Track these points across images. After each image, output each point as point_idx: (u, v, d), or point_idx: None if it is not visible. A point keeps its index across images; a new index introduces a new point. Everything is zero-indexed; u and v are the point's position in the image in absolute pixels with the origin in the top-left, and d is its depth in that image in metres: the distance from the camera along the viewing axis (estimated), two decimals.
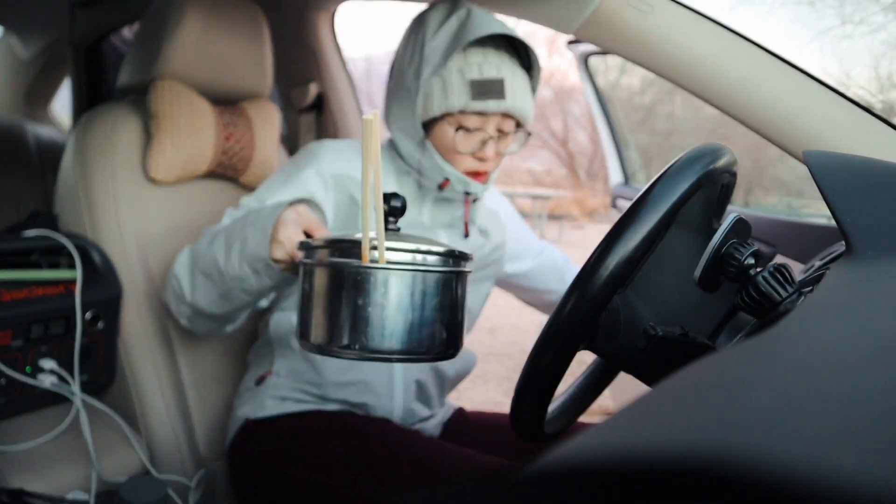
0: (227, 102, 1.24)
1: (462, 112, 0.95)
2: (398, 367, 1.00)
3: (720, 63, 0.90)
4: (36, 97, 2.22)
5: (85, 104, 1.96)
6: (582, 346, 0.67)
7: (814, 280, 0.55)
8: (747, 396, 0.22)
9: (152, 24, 1.16)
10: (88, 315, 1.00)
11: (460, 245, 1.05)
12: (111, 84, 1.99)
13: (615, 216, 1.32)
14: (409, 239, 0.67)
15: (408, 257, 0.63)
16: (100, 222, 1.09)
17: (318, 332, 0.65)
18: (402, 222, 0.95)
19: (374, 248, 0.62)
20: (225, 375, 1.18)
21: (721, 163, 0.63)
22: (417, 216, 1.04)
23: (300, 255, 0.70)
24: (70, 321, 0.98)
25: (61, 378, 0.96)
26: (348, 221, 0.99)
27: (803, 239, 1.04)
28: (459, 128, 0.96)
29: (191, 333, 1.08)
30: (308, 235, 0.79)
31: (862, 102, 0.85)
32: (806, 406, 0.20)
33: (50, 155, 1.98)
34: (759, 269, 0.46)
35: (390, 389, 1.01)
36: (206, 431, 1.12)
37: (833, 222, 0.88)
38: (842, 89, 0.86)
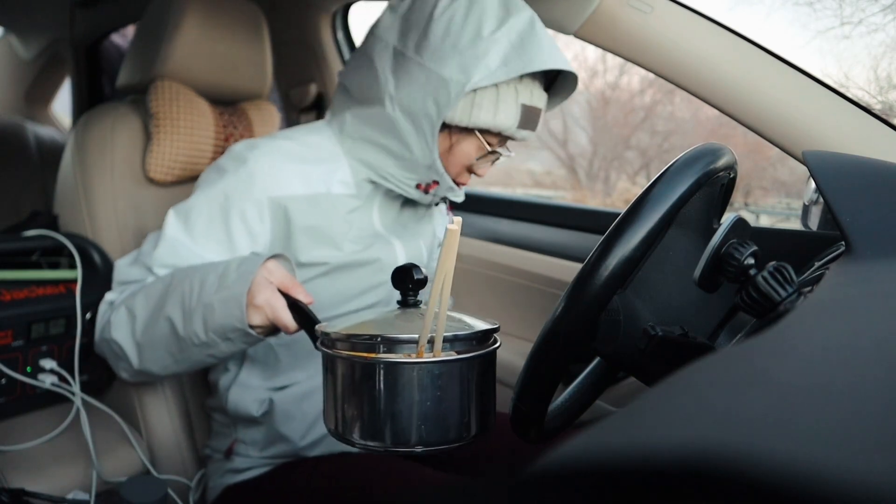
0: (227, 103, 1.24)
1: (496, 133, 0.87)
2: None
3: (720, 63, 0.90)
4: (36, 97, 2.22)
5: (85, 104, 1.96)
6: (582, 346, 0.67)
7: (813, 280, 0.55)
8: (747, 396, 0.22)
9: (152, 24, 1.16)
10: (88, 315, 1.00)
11: (423, 253, 1.01)
12: (111, 84, 1.99)
13: None
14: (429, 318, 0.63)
15: (449, 346, 0.61)
16: (100, 222, 1.09)
17: (373, 430, 0.60)
18: (354, 216, 0.92)
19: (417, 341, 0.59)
20: None
21: (721, 163, 0.63)
22: (368, 218, 0.95)
23: (332, 346, 0.64)
24: (70, 321, 0.98)
25: (62, 378, 0.96)
26: (283, 248, 0.91)
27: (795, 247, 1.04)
28: (492, 152, 0.89)
29: None
30: (283, 293, 0.75)
31: (861, 103, 0.86)
32: (806, 406, 0.20)
33: (50, 155, 1.98)
34: (758, 269, 0.46)
35: None
36: (206, 431, 1.12)
37: (821, 229, 0.89)
38: (841, 90, 0.86)
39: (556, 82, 0.93)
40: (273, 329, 0.77)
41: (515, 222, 1.44)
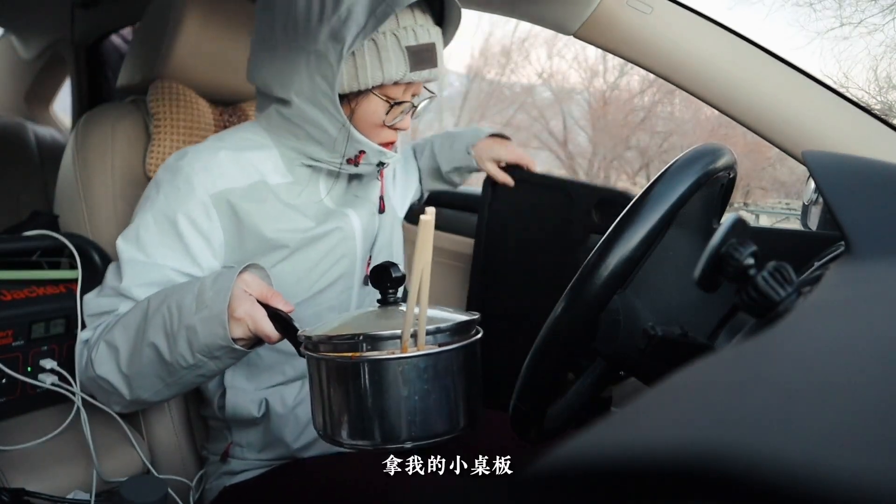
0: (227, 103, 1.24)
1: (395, 83, 0.86)
2: None
3: (720, 63, 0.90)
4: (37, 97, 2.22)
5: (85, 104, 1.96)
6: (582, 346, 0.67)
7: (813, 280, 0.55)
8: (747, 396, 0.22)
9: (152, 24, 1.16)
10: None
11: (375, 221, 1.02)
12: (111, 84, 1.99)
13: None
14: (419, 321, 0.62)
15: (432, 339, 0.61)
16: (100, 222, 1.09)
17: (362, 428, 0.60)
18: (300, 201, 0.94)
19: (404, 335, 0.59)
20: None
21: (721, 163, 0.63)
22: (316, 198, 0.96)
23: (310, 348, 0.64)
24: (70, 321, 0.98)
25: (62, 378, 0.96)
26: (238, 241, 0.91)
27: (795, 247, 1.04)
28: (395, 104, 0.87)
29: None
30: (263, 304, 0.74)
31: (861, 103, 0.86)
32: (805, 406, 0.20)
33: (50, 155, 1.99)
34: (758, 269, 0.46)
35: None
36: (206, 431, 1.12)
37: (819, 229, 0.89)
38: (841, 90, 0.86)
39: (445, 14, 0.89)
40: (256, 340, 0.76)
41: None
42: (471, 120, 8.16)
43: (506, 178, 1.22)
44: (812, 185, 0.88)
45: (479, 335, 0.64)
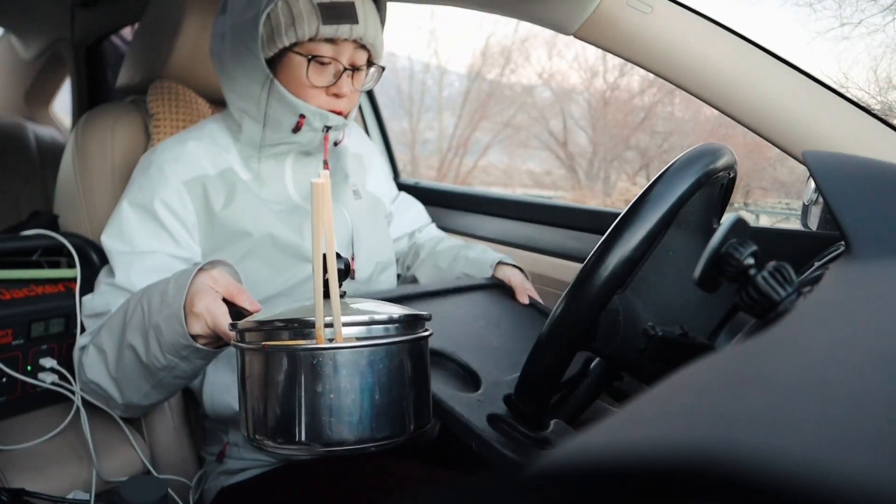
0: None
1: (312, 40, 0.87)
2: None
3: (720, 63, 0.90)
4: (36, 97, 2.22)
5: (85, 104, 1.96)
6: (581, 346, 0.67)
7: (813, 280, 0.55)
8: (747, 396, 0.22)
9: (152, 24, 1.16)
10: None
11: (346, 215, 1.01)
12: (111, 84, 1.99)
13: None
14: (354, 312, 0.57)
15: (365, 331, 0.55)
16: (100, 222, 1.09)
17: (265, 427, 0.55)
18: (266, 194, 0.95)
19: (327, 325, 0.54)
20: None
21: (721, 163, 0.63)
22: (284, 192, 0.97)
23: (233, 335, 0.61)
24: (70, 320, 0.98)
25: (62, 377, 0.96)
26: (209, 227, 0.93)
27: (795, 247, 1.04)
28: (312, 58, 0.88)
29: None
30: (228, 302, 0.72)
31: (861, 103, 0.86)
32: (805, 405, 0.20)
33: (50, 155, 1.99)
34: (758, 269, 0.46)
35: None
36: (206, 431, 1.12)
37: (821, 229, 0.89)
38: (841, 90, 0.86)
39: None
40: (217, 338, 0.73)
41: (515, 222, 1.44)
42: (471, 120, 8.14)
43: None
44: (812, 185, 0.88)
45: (413, 336, 0.58)
